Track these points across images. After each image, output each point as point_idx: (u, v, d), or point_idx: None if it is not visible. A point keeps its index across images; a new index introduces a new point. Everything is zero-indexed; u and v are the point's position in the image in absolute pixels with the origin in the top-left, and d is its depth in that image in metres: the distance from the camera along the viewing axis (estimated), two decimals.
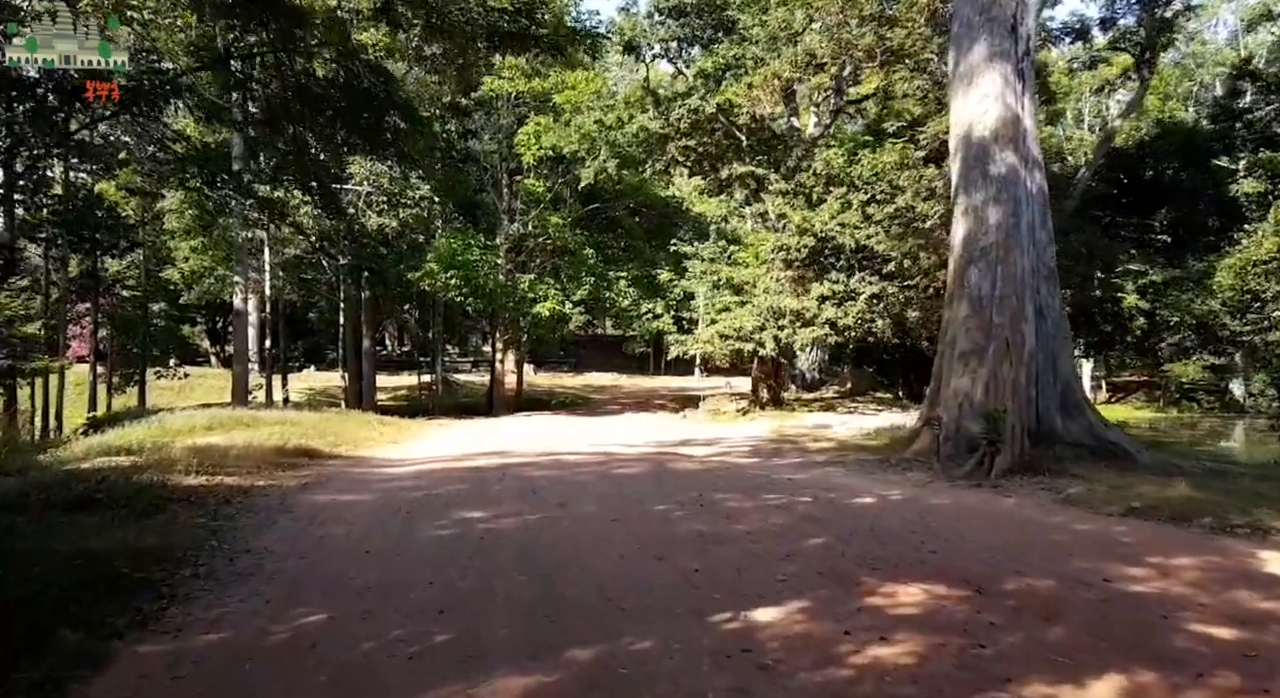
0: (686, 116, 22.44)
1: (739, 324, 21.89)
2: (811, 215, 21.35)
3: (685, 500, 9.35)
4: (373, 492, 10.49)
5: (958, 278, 12.16)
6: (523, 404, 35.13)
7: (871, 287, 21.18)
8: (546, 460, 13.63)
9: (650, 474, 11.81)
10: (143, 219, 31.51)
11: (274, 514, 8.66)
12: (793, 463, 13.66)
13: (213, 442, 14.16)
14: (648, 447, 16.73)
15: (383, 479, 11.77)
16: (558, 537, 7.56)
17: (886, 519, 8.37)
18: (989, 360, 11.44)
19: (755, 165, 23.07)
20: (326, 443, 15.88)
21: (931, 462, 11.76)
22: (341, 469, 12.81)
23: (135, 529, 7.23)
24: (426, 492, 10.23)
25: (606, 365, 55.14)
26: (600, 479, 11.32)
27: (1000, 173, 11.71)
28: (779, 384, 25.04)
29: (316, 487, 10.77)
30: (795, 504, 9.19)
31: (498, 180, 32.42)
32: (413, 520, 8.39)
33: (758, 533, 7.65)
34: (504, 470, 12.26)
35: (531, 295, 28.87)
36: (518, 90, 28.98)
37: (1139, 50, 22.38)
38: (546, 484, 10.78)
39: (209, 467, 11.32)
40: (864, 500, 9.51)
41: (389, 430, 20.16)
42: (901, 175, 21.21)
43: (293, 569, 6.49)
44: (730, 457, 14.77)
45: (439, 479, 11.44)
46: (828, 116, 24.09)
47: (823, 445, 16.31)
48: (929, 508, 9.09)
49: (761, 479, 11.30)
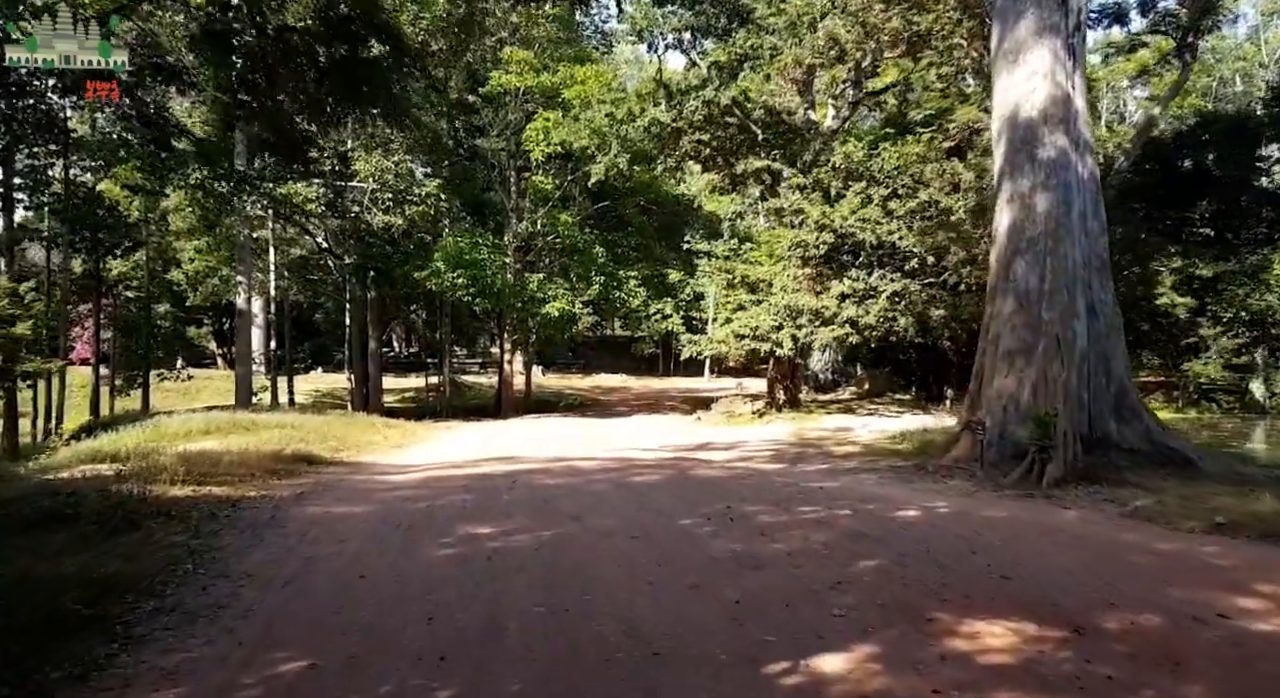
0: (700, 109, 21.53)
1: (755, 323, 20.97)
2: (831, 211, 20.43)
3: (713, 514, 8.45)
4: (372, 503, 9.61)
5: (1002, 271, 11.22)
6: (531, 406, 34.30)
7: (893, 284, 20.25)
8: (559, 467, 12.74)
9: (671, 483, 10.91)
10: (146, 218, 30.76)
11: (262, 530, 7.79)
12: (820, 469, 12.75)
13: (207, 447, 13.33)
14: (665, 451, 15.86)
15: (384, 488, 10.89)
16: (576, 559, 6.67)
17: (940, 536, 7.46)
18: (1037, 360, 10.50)
19: (771, 160, 22.14)
20: (327, 448, 15.04)
21: (974, 469, 10.83)
22: (341, 477, 11.95)
23: (101, 550, 6.39)
24: (430, 503, 9.35)
25: (616, 367, 54.26)
26: (618, 489, 10.42)
27: (1049, 157, 10.78)
28: (795, 385, 24.11)
29: (312, 497, 9.89)
30: (834, 518, 8.28)
31: (505, 178, 31.58)
32: (413, 538, 7.51)
33: (800, 554, 6.75)
34: (514, 479, 11.38)
35: (540, 295, 28.02)
36: (526, 86, 28.12)
37: (1180, 34, 21.27)
38: (560, 494, 9.89)
39: (198, 475, 10.49)
40: (909, 514, 8.59)
41: (394, 434, 19.32)
42: (925, 169, 20.28)
43: (274, 601, 5.61)
44: (753, 462, 13.87)
45: (444, 488, 10.57)
46: (846, 109, 23.16)
47: (848, 450, 15.40)
48: (983, 522, 8.17)
49: (791, 488, 10.39)
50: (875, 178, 20.91)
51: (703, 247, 23.63)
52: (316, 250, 31.59)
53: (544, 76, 28.19)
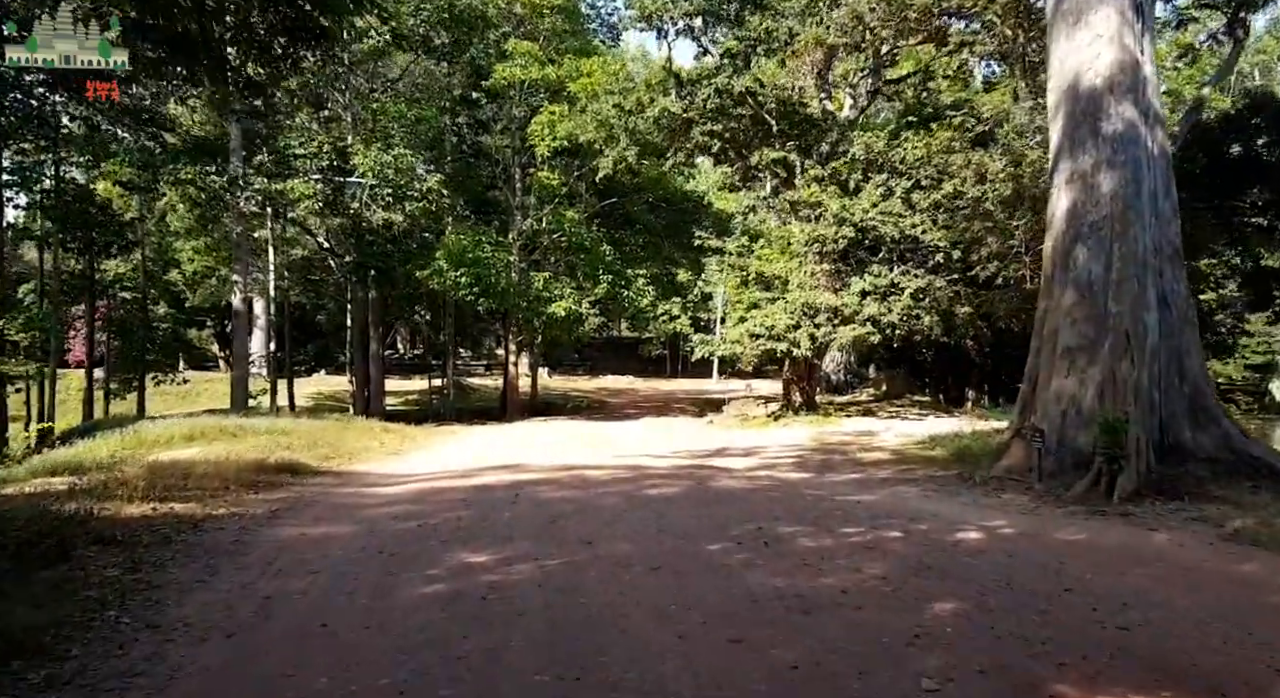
0: (712, 98, 20.27)
1: (771, 322, 19.72)
2: (852, 203, 19.18)
3: (744, 537, 7.24)
4: (355, 521, 8.40)
5: (1060, 259, 9.96)
6: (537, 408, 33.10)
7: (917, 280, 19.00)
8: (566, 477, 11.53)
9: (690, 496, 9.68)
10: (141, 216, 29.67)
11: (219, 560, 6.59)
12: (852, 479, 11.52)
13: (184, 456, 12.17)
14: (679, 458, 14.63)
15: (372, 503, 9.68)
16: (588, 600, 5.45)
17: (1018, 567, 6.23)
18: (1103, 358, 9.25)
19: (787, 151, 20.88)
20: (316, 456, 13.83)
21: (1030, 481, 9.58)
22: (326, 489, 10.73)
23: (8, 591, 5.18)
24: (421, 522, 8.15)
25: (622, 368, 53.04)
26: (632, 504, 9.20)
27: (1115, 130, 9.53)
28: (812, 387, 22.85)
29: (288, 515, 8.69)
30: (885, 542, 7.07)
31: (510, 175, 30.38)
32: (396, 568, 6.31)
33: (857, 593, 5.52)
34: (516, 491, 10.17)
35: (546, 295, 26.78)
36: (531, 78, 26.93)
37: (1232, 8, 19.85)
38: (568, 511, 8.68)
39: (165, 489, 9.30)
40: (970, 536, 7.36)
41: (392, 439, 18.12)
42: (950, 159, 19.02)
43: (208, 661, 4.40)
44: (776, 471, 12.63)
45: (438, 503, 9.36)
46: (864, 99, 21.92)
47: (876, 457, 14.16)
48: (1062, 548, 6.95)
49: (825, 503, 9.16)
50: (897, 169, 19.67)
51: (714, 242, 22.35)
52: (318, 250, 30.44)
53: (549, 69, 27.00)
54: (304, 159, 23.91)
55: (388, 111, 25.46)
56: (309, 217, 28.27)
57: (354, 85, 27.12)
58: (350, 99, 27.18)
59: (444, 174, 27.38)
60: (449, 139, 31.00)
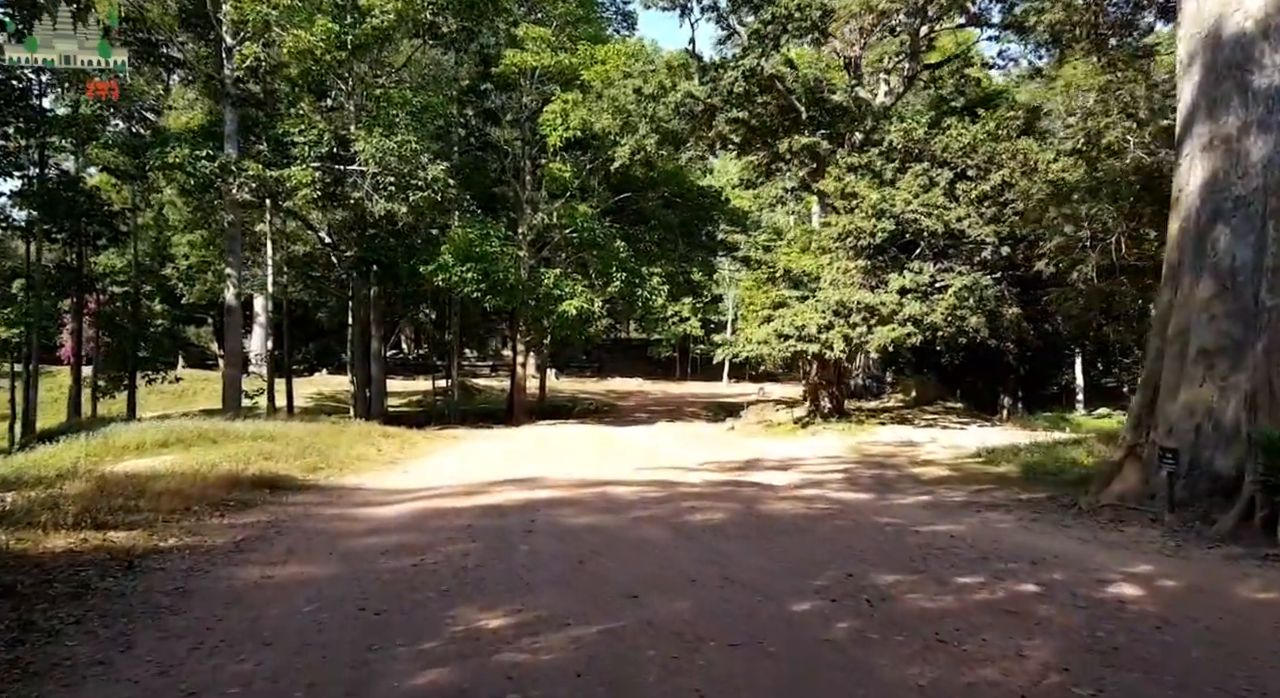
0: (739, 82, 18.50)
1: (801, 322, 17.95)
2: (893, 193, 17.41)
3: (834, 589, 5.50)
4: (336, 557, 6.65)
5: (1191, 243, 8.19)
6: (545, 411, 31.39)
7: (962, 277, 17.21)
8: (589, 495, 9.78)
9: (743, 524, 7.93)
10: (134, 207, 27.93)
11: (142, 621, 4.84)
12: (923, 503, 9.73)
13: (146, 467, 10.44)
14: (709, 471, 12.86)
15: (360, 529, 7.92)
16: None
17: (1237, 653, 4.46)
18: (1251, 361, 7.47)
19: (819, 139, 19.10)
20: (303, 466, 12.09)
21: (1154, 511, 7.81)
22: (308, 510, 8.97)
23: None
24: (416, 560, 6.41)
25: (630, 370, 51.33)
26: (676, 535, 7.45)
27: (1271, 84, 7.77)
28: (842, 392, 21.05)
29: (254, 548, 6.94)
30: (1024, 601, 5.31)
31: (519, 168, 28.67)
32: (379, 640, 4.54)
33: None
34: (532, 514, 8.42)
35: (557, 292, 25.01)
36: (542, 65, 25.20)
37: None
38: (599, 546, 6.93)
39: (109, 512, 7.59)
40: (1125, 592, 5.59)
41: (391, 446, 16.36)
42: (999, 147, 17.27)
43: None
44: (827, 489, 10.85)
45: (439, 531, 7.62)
46: (900, 85, 20.14)
47: (936, 473, 12.37)
48: (1259, 611, 5.18)
49: (910, 536, 7.40)
50: (939, 158, 17.92)
51: (739, 236, 20.58)
52: (319, 245, 28.70)
53: (563, 56, 25.28)
54: (303, 146, 22.17)
55: (392, 99, 23.72)
56: (309, 209, 26.58)
57: (357, 72, 25.35)
58: (353, 86, 25.42)
59: (451, 165, 25.65)
60: (456, 131, 29.27)
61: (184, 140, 20.98)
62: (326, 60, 23.89)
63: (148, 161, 20.24)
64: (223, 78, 22.50)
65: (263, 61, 22.29)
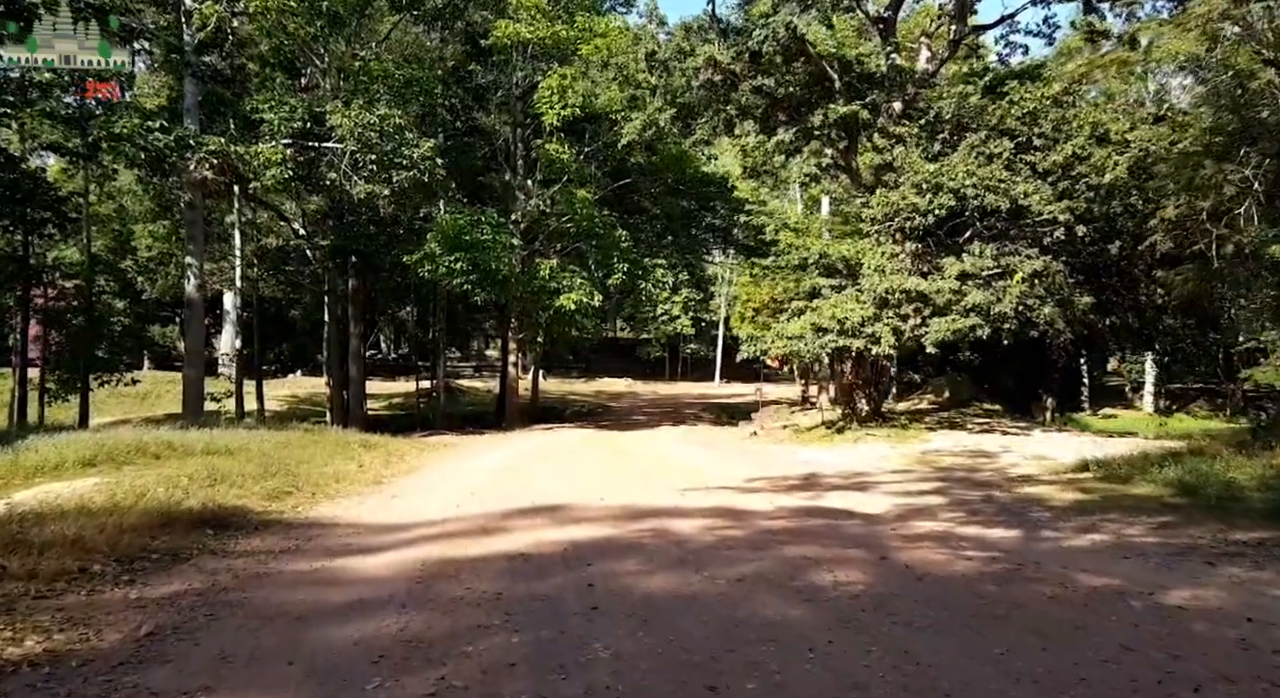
0: (770, 42, 15.96)
1: (843, 314, 15.44)
2: (950, 165, 14.97)
3: None
4: (297, 681, 3.95)
5: None
6: (537, 414, 28.65)
7: (1031, 262, 14.80)
8: (646, 535, 7.15)
9: (901, 594, 5.36)
10: (85, 189, 24.79)
11: None
12: (1105, 545, 7.16)
13: (52, 496, 7.65)
14: (770, 491, 10.26)
15: (336, 608, 5.20)
16: None
17: None
18: None
19: (857, 107, 16.59)
20: (265, 491, 9.31)
21: None
22: (264, 566, 6.22)
23: None
24: (428, 672, 3.78)
25: (619, 370, 48.71)
26: (821, 617, 4.86)
27: None
28: (881, 392, 18.58)
29: (166, 647, 4.24)
30: None
31: (510, 153, 25.91)
32: None
33: None
34: (582, 572, 5.81)
35: (554, 285, 22.28)
36: (537, 38, 22.45)
37: None
38: (712, 643, 4.32)
39: None
40: None
41: (375, 459, 13.57)
42: (1068, 114, 14.89)
43: None
44: (948, 523, 8.22)
45: (456, 608, 4.98)
46: (945, 50, 17.71)
47: (1056, 495, 9.84)
48: None
49: (1156, 622, 4.90)
50: (998, 127, 15.51)
51: (765, 219, 18.06)
52: (292, 236, 25.72)
53: (558, 26, 22.58)
54: (273, 121, 19.26)
55: (373, 72, 20.89)
56: (281, 198, 23.64)
57: (334, 49, 22.43)
58: (329, 63, 22.48)
59: (436, 145, 22.85)
60: (441, 114, 26.43)
61: (134, 110, 18.06)
62: (300, 35, 21.09)
63: (92, 130, 17.29)
64: (182, 46, 19.53)
65: (225, 24, 19.38)
